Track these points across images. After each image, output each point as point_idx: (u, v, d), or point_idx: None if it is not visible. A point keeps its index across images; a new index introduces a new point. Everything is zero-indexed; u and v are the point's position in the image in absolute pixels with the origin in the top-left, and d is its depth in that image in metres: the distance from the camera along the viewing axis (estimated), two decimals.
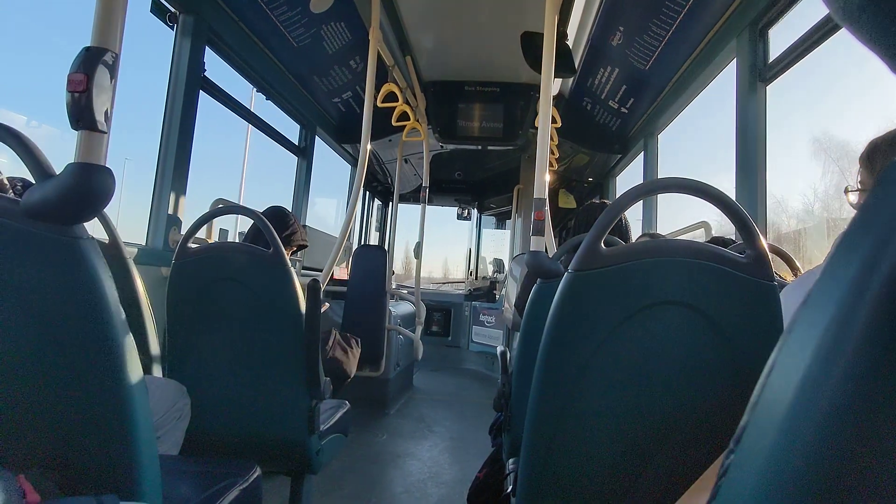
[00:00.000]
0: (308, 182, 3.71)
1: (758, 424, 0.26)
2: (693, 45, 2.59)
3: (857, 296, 0.21)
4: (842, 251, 0.23)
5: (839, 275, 0.23)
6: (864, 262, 0.22)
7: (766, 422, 0.25)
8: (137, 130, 17.78)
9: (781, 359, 0.25)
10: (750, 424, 0.26)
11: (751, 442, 0.26)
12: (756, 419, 0.26)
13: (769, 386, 0.26)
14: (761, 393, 0.26)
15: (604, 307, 0.91)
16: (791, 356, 0.24)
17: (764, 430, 0.25)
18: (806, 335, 0.24)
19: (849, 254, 0.23)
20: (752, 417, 0.27)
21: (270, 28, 2.75)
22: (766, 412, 0.25)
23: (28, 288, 0.73)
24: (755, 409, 0.26)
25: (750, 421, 0.27)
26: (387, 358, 3.51)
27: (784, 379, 0.24)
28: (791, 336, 0.25)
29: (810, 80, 2.55)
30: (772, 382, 0.26)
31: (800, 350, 0.23)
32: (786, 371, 0.24)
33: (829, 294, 0.23)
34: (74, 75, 0.69)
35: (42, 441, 0.75)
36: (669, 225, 3.71)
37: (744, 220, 0.90)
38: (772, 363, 0.26)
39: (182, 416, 1.45)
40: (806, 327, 0.24)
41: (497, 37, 3.17)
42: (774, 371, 0.26)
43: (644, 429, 0.90)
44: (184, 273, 1.53)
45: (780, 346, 0.26)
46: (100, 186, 0.70)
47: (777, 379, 0.25)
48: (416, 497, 2.27)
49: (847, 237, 0.23)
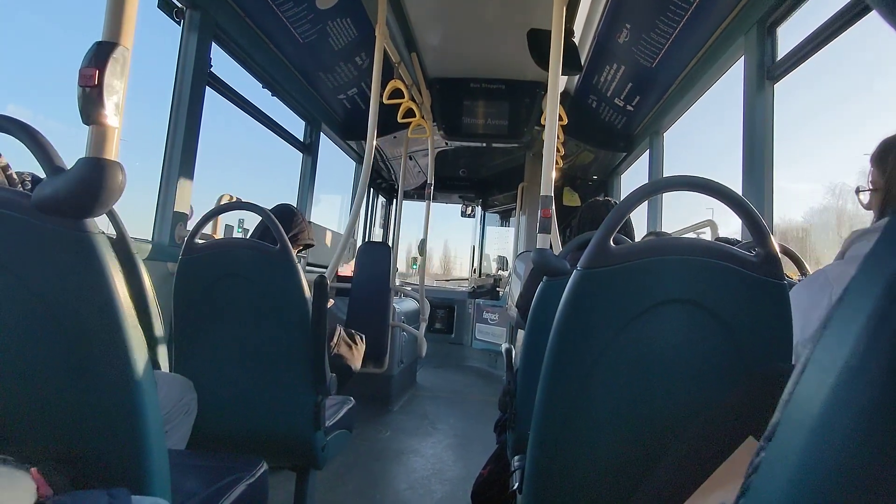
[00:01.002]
0: (313, 179, 3.71)
1: (791, 422, 0.26)
2: (700, 43, 2.57)
3: (893, 295, 0.21)
4: (880, 248, 0.23)
5: (875, 273, 0.23)
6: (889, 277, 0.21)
7: (799, 419, 0.25)
8: (146, 126, 17.83)
9: (816, 356, 0.25)
10: (782, 422, 0.26)
11: (783, 439, 0.26)
12: (789, 416, 0.26)
13: (803, 383, 0.25)
14: (794, 390, 0.26)
15: (613, 305, 0.90)
16: (827, 353, 0.24)
17: (797, 428, 0.24)
18: (842, 332, 0.23)
19: (887, 251, 0.22)
20: (784, 415, 0.26)
21: (276, 24, 2.75)
22: (799, 410, 0.25)
23: (39, 283, 0.73)
24: (788, 406, 0.26)
25: (782, 418, 0.26)
26: (390, 355, 3.51)
27: (818, 377, 0.24)
28: (826, 332, 0.25)
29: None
30: (806, 380, 0.25)
31: (836, 347, 0.23)
32: (821, 368, 0.24)
33: (865, 292, 0.23)
34: (86, 70, 0.69)
35: (54, 435, 0.76)
36: (673, 224, 3.70)
37: (754, 219, 0.89)
38: (805, 360, 0.26)
39: (189, 410, 1.46)
40: (842, 324, 0.24)
41: (503, 34, 3.16)
42: (809, 368, 0.25)
43: (652, 427, 0.90)
44: (190, 268, 1.53)
45: (815, 343, 0.26)
46: (111, 181, 0.70)
47: (811, 376, 0.25)
48: (419, 494, 2.27)
49: (886, 235, 0.23)
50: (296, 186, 3.70)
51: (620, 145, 3.99)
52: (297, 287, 1.50)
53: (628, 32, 2.84)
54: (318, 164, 3.76)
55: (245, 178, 67.38)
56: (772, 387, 0.79)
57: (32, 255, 0.73)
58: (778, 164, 2.06)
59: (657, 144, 3.43)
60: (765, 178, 2.06)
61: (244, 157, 62.26)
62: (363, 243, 4.17)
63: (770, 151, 2.08)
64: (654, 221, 3.46)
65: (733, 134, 2.28)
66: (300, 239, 2.03)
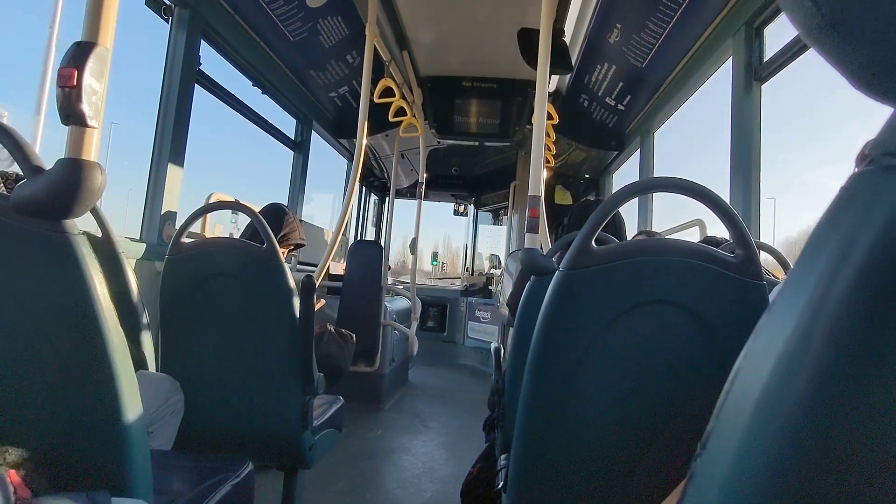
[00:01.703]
0: (304, 177, 3.71)
1: (722, 429, 0.26)
2: (689, 44, 2.59)
3: (817, 305, 0.21)
4: (803, 263, 0.23)
5: (801, 283, 0.23)
6: (820, 277, 0.22)
7: (730, 427, 0.25)
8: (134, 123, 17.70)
9: (745, 365, 0.26)
10: (715, 430, 0.27)
11: (716, 447, 0.26)
12: (721, 424, 0.26)
13: (733, 392, 0.26)
14: (726, 399, 0.26)
15: (595, 305, 0.91)
16: (755, 363, 0.25)
17: (728, 435, 0.25)
18: (769, 341, 0.24)
19: (812, 259, 0.23)
20: (716, 423, 0.27)
21: (266, 22, 2.74)
22: (730, 417, 0.26)
23: (18, 284, 0.73)
24: (720, 414, 0.27)
25: (715, 426, 0.27)
26: (382, 353, 3.51)
27: (747, 386, 0.24)
28: (754, 343, 0.25)
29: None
30: (735, 389, 0.26)
31: (763, 357, 0.24)
32: (749, 378, 0.25)
33: (791, 302, 0.23)
34: (64, 70, 0.69)
35: (33, 437, 0.75)
36: (665, 222, 3.72)
37: (734, 220, 0.90)
38: (736, 370, 0.26)
39: (175, 411, 1.45)
40: (769, 335, 0.24)
41: (494, 32, 3.16)
42: (738, 377, 0.26)
43: (634, 426, 0.91)
44: (177, 268, 1.53)
45: (744, 354, 0.26)
46: (90, 181, 0.70)
47: (741, 386, 0.25)
48: (410, 492, 2.28)
49: (808, 248, 0.24)
50: (287, 185, 3.69)
51: (612, 144, 4.00)
52: (285, 287, 1.50)
53: (619, 32, 2.84)
54: (310, 162, 3.75)
55: (236, 177, 67.04)
56: None
57: (11, 256, 0.73)
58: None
59: (648, 144, 3.44)
60: (752, 177, 2.08)
61: (235, 157, 61.96)
62: (354, 242, 4.16)
63: (758, 151, 2.09)
64: (645, 220, 3.48)
65: (722, 134, 2.29)
66: (290, 238, 2.03)
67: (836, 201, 0.23)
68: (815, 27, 0.23)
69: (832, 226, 0.23)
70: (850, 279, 0.20)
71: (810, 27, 0.23)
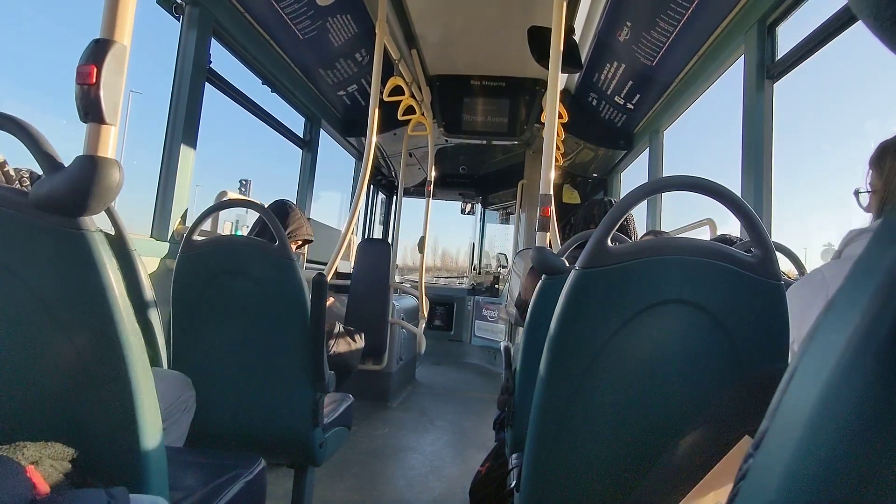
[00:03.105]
0: (313, 175, 3.71)
1: (778, 430, 0.26)
2: (700, 42, 2.57)
3: (882, 302, 0.21)
4: (868, 256, 0.23)
5: (863, 282, 0.23)
6: (889, 270, 0.21)
7: (786, 428, 0.25)
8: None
9: (804, 364, 0.25)
10: (770, 430, 0.26)
11: (771, 448, 0.26)
12: (776, 425, 0.26)
13: (790, 392, 0.25)
14: (782, 398, 0.26)
15: (610, 305, 0.90)
16: (813, 362, 0.24)
17: (785, 437, 0.24)
18: (829, 340, 0.23)
19: (874, 260, 0.22)
20: (772, 423, 0.26)
21: (276, 20, 2.74)
22: (786, 418, 0.25)
23: (36, 280, 0.73)
24: (776, 415, 0.26)
25: (770, 427, 0.26)
26: (390, 352, 3.51)
27: (806, 385, 0.24)
28: (814, 341, 0.25)
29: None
30: (793, 389, 0.25)
31: (823, 356, 0.23)
32: (808, 377, 0.24)
33: (853, 300, 0.23)
34: (83, 67, 0.69)
35: (51, 433, 0.76)
36: (673, 222, 3.70)
37: (751, 219, 0.89)
38: (793, 369, 0.26)
39: (187, 408, 1.46)
40: (829, 333, 0.24)
41: (504, 31, 3.16)
42: (796, 377, 0.25)
43: (649, 427, 0.91)
44: (189, 265, 1.53)
45: (803, 352, 0.26)
46: (107, 179, 0.70)
47: (798, 385, 0.25)
48: (417, 491, 2.28)
49: (877, 237, 0.23)
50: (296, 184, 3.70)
51: (620, 143, 3.99)
52: (296, 284, 1.50)
53: (629, 31, 2.83)
54: (319, 160, 3.76)
55: (245, 174, 67.44)
56: (767, 388, 0.79)
57: (30, 252, 0.73)
58: None
59: (657, 143, 3.43)
60: (764, 176, 2.06)
61: (245, 154, 62.25)
62: (362, 240, 4.16)
63: (770, 150, 2.08)
64: (654, 220, 3.46)
65: (733, 133, 2.28)
66: (298, 234, 2.03)
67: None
68: (888, 18, 0.22)
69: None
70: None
71: (882, 18, 0.22)
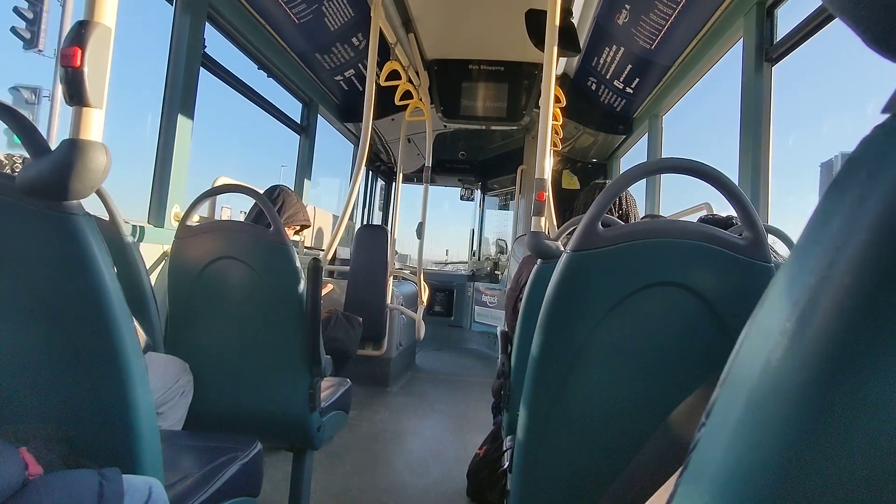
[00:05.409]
0: (310, 161, 3.69)
1: (726, 398, 0.26)
2: (699, 25, 2.54)
3: (822, 275, 0.21)
4: (811, 230, 0.23)
5: (806, 254, 0.23)
6: (826, 248, 0.21)
7: (733, 396, 0.25)
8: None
9: (750, 336, 0.25)
10: (719, 399, 0.27)
11: (719, 416, 0.26)
12: (725, 393, 0.26)
13: (737, 361, 0.26)
14: (731, 368, 0.26)
15: (601, 287, 0.91)
16: (759, 333, 0.25)
17: (731, 404, 0.25)
18: (775, 311, 0.24)
19: (817, 234, 0.23)
20: (721, 392, 0.27)
21: (271, 4, 2.71)
22: (734, 387, 0.26)
23: (26, 264, 0.73)
24: (725, 383, 0.26)
25: (720, 395, 0.27)
26: (389, 337, 3.53)
27: (752, 354, 0.24)
28: (759, 313, 0.25)
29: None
30: (740, 358, 0.26)
31: (767, 327, 0.23)
32: (754, 347, 0.24)
33: (798, 272, 0.23)
34: (67, 49, 0.69)
35: (44, 415, 0.76)
36: (673, 206, 3.70)
37: (742, 202, 0.89)
38: (741, 339, 0.26)
39: (185, 392, 1.47)
40: (775, 302, 0.24)
41: (502, 14, 3.12)
42: (743, 347, 0.26)
43: (639, 408, 0.91)
44: (184, 251, 1.54)
45: (749, 325, 0.26)
46: (93, 162, 0.70)
47: (745, 354, 0.25)
48: (417, 473, 2.30)
49: (816, 216, 0.23)
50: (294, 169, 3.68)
51: (620, 128, 3.96)
52: (292, 269, 1.50)
53: (628, 14, 2.80)
54: (317, 146, 3.74)
55: (242, 160, 67.04)
56: None
57: (18, 237, 0.73)
58: None
59: (656, 127, 3.41)
60: (761, 159, 2.05)
61: (241, 140, 61.95)
62: (361, 226, 4.16)
63: (767, 133, 2.07)
64: (652, 204, 3.45)
65: (732, 116, 2.26)
66: (295, 220, 2.03)
67: (845, 168, 0.23)
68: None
69: (840, 191, 0.22)
70: (857, 245, 0.20)
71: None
